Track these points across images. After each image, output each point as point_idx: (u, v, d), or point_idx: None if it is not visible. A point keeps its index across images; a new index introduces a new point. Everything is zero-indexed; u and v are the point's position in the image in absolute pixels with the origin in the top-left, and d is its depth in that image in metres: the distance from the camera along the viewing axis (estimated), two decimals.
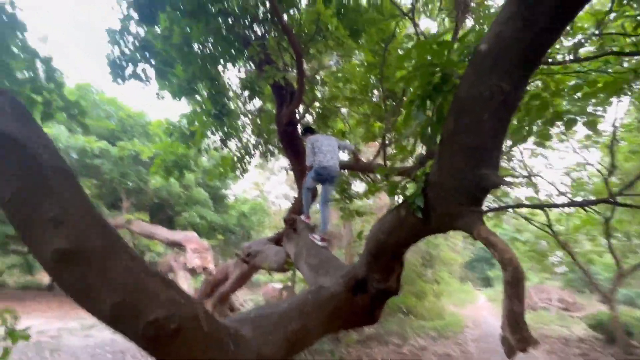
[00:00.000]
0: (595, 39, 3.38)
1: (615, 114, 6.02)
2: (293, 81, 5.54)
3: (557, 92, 2.07)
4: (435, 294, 13.87)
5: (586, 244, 11.26)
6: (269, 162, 9.67)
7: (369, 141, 7.24)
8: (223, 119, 5.47)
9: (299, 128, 5.75)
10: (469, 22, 5.20)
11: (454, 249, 19.03)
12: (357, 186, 7.71)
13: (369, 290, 2.46)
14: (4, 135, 1.07)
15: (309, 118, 7.16)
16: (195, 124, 6.15)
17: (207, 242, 11.12)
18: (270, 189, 25.09)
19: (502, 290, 1.49)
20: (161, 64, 4.35)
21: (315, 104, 6.82)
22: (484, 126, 1.56)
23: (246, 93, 5.74)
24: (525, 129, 2.09)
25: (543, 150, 8.33)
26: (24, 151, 1.09)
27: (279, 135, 5.91)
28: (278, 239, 5.75)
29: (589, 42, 3.58)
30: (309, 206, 4.78)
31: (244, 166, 7.20)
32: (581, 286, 17.15)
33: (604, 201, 2.33)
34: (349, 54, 6.26)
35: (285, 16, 5.33)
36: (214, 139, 6.83)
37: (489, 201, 8.42)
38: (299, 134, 5.61)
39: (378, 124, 6.46)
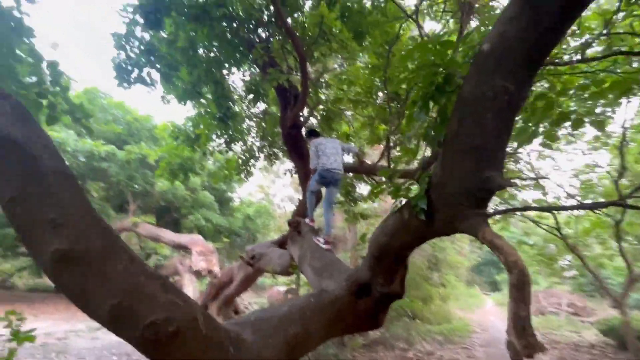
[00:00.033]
0: (603, 38, 3.34)
1: (625, 115, 5.91)
2: (297, 84, 5.56)
3: (562, 91, 2.03)
4: (441, 298, 13.71)
5: (596, 248, 11.06)
6: (274, 165, 9.68)
7: (373, 144, 7.21)
8: (227, 122, 5.50)
9: (304, 131, 5.76)
10: (473, 24, 5.17)
11: (461, 252, 18.82)
12: (361, 189, 7.68)
13: (372, 294, 2.43)
14: (4, 137, 1.08)
15: (313, 121, 7.17)
16: (200, 127, 6.19)
17: (213, 245, 11.15)
18: (275, 191, 25.17)
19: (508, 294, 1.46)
20: (166, 67, 4.40)
21: (320, 107, 6.82)
22: (488, 127, 1.53)
23: (250, 96, 5.77)
24: (531, 129, 2.05)
25: (551, 152, 8.21)
26: (24, 152, 1.11)
27: (283, 138, 5.93)
28: (282, 242, 5.74)
29: (597, 42, 3.53)
30: (313, 209, 4.77)
31: (249, 169, 7.22)
32: (591, 290, 16.79)
33: (614, 204, 2.28)
34: (353, 57, 6.26)
35: (289, 20, 5.36)
36: (219, 142, 6.87)
37: (495, 203, 8.31)
38: (303, 136, 5.62)
39: (383, 126, 6.44)
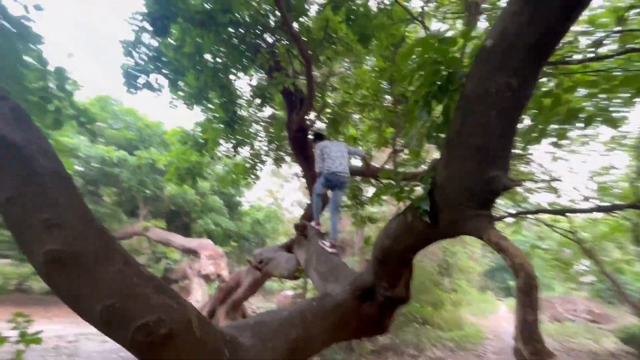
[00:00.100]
0: (616, 36, 3.24)
1: None
2: (303, 88, 5.57)
3: (570, 88, 1.96)
4: (453, 304, 13.43)
5: (614, 252, 10.69)
6: (281, 169, 9.71)
7: (381, 147, 7.16)
8: (234, 126, 5.54)
9: (310, 134, 5.76)
10: (480, 25, 5.10)
11: (472, 256, 18.43)
12: (369, 192, 7.62)
13: (376, 298, 2.38)
14: (1, 138, 1.10)
15: (320, 124, 7.17)
16: (208, 132, 6.25)
17: (222, 249, 11.21)
18: (284, 196, 25.23)
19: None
20: (173, 73, 4.47)
21: (327, 110, 6.81)
22: (492, 125, 1.49)
23: (257, 101, 5.81)
24: (538, 128, 1.99)
25: (565, 154, 8.02)
26: (21, 154, 1.12)
27: (289, 141, 5.93)
28: (290, 246, 5.72)
29: (611, 39, 3.42)
30: (319, 212, 4.74)
31: (256, 173, 7.25)
32: (610, 297, 16.20)
33: (632, 206, 2.19)
34: (359, 60, 6.25)
35: (295, 24, 5.39)
36: (226, 146, 6.93)
37: (507, 206, 8.13)
38: (309, 139, 5.61)
39: (390, 129, 6.39)
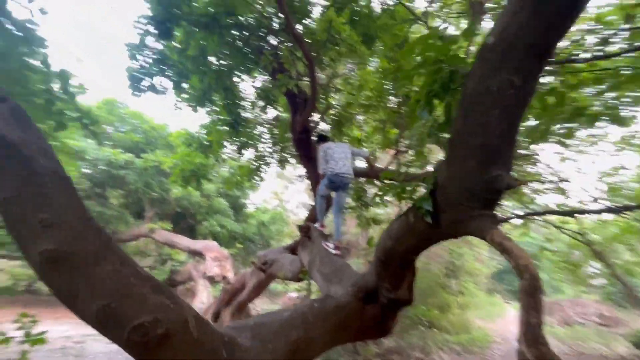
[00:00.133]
0: (624, 34, 3.18)
1: None
2: (307, 89, 5.57)
3: (575, 85, 1.91)
4: (460, 307, 13.25)
5: (625, 254, 10.46)
6: (286, 171, 9.72)
7: (386, 148, 7.13)
8: (238, 128, 5.56)
9: (314, 135, 5.75)
10: (484, 24, 5.06)
11: (479, 258, 18.19)
12: (373, 193, 7.57)
13: (379, 300, 2.35)
14: (2, 139, 1.11)
15: (324, 125, 7.16)
16: (212, 133, 6.28)
17: (227, 251, 11.23)
18: (289, 198, 25.21)
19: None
20: (177, 75, 4.51)
21: (330, 112, 6.81)
22: (494, 123, 1.46)
23: (261, 103, 5.82)
24: (542, 127, 1.95)
25: (573, 154, 7.90)
26: (20, 154, 1.13)
27: (294, 143, 5.93)
28: (294, 248, 5.70)
29: (619, 37, 3.36)
30: (323, 214, 4.72)
31: (260, 175, 7.26)
32: (621, 300, 15.85)
33: None
34: (363, 61, 6.23)
35: (299, 26, 5.40)
36: (231, 148, 6.95)
37: (514, 208, 8.01)
38: (313, 141, 5.61)
39: (394, 130, 6.36)
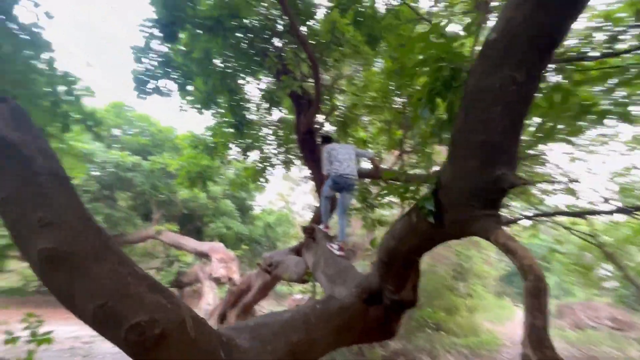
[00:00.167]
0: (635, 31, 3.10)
1: None
2: (311, 90, 5.57)
3: (581, 82, 1.86)
4: (468, 309, 13.06)
5: (638, 256, 10.21)
6: (292, 172, 9.73)
7: (391, 149, 7.08)
8: (243, 130, 5.58)
9: (318, 137, 5.74)
10: (490, 23, 5.00)
11: (488, 261, 17.93)
12: (375, 194, 7.51)
13: (383, 302, 2.33)
14: (1, 139, 1.13)
15: (329, 127, 7.14)
16: (217, 135, 6.32)
17: (233, 253, 11.27)
18: (295, 199, 25.23)
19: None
20: (182, 78, 4.55)
21: (335, 113, 6.79)
22: (496, 120, 1.43)
23: (266, 105, 5.84)
24: (548, 125, 1.90)
25: (584, 154, 7.76)
26: (19, 154, 1.15)
27: (298, 144, 5.94)
28: (299, 249, 5.69)
29: (631, 34, 3.29)
30: (327, 215, 4.71)
31: (266, 176, 7.27)
32: (634, 303, 15.44)
33: None
34: (367, 62, 6.21)
35: (304, 28, 5.41)
36: (236, 150, 6.98)
37: (522, 209, 7.88)
38: (318, 142, 5.60)
39: (400, 131, 6.31)
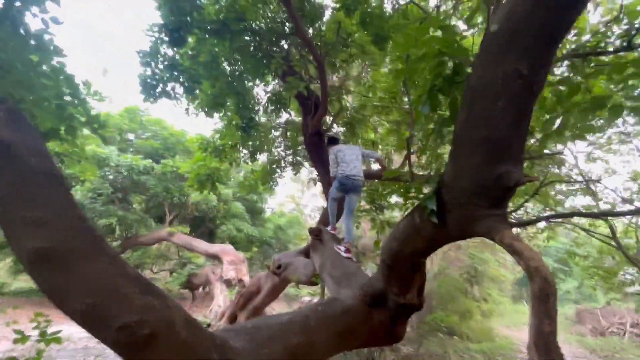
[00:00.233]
0: None
1: None
2: (318, 92, 5.55)
3: (591, 74, 1.76)
4: (482, 314, 12.75)
5: None
6: (301, 174, 9.72)
7: (400, 149, 6.99)
8: (250, 132, 5.61)
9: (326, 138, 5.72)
10: None
11: (504, 264, 17.47)
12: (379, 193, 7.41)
13: (387, 305, 2.27)
14: None
15: (338, 128, 7.11)
16: (224, 138, 6.36)
17: (243, 255, 11.33)
18: (306, 201, 25.28)
19: (530, 306, 1.27)
20: (189, 81, 4.60)
21: (344, 114, 6.76)
22: (500, 115, 1.37)
23: (272, 107, 5.85)
24: (557, 120, 1.81)
25: (603, 154, 7.49)
26: (12, 153, 1.16)
27: (306, 146, 5.92)
28: (308, 251, 5.67)
29: None
30: (334, 217, 4.67)
31: (275, 179, 7.28)
32: None
33: None
34: (375, 62, 6.15)
35: (310, 30, 5.40)
36: (245, 152, 7.02)
37: (538, 210, 7.64)
38: (325, 143, 5.58)
39: (408, 132, 6.22)
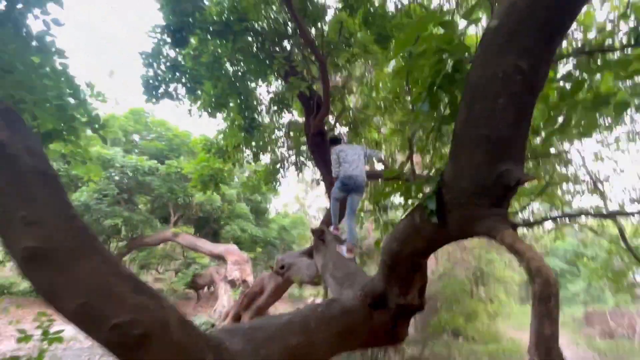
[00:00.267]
0: None
1: None
2: (321, 92, 5.53)
3: (595, 70, 1.71)
4: (489, 315, 12.60)
5: None
6: (305, 175, 9.73)
7: (405, 150, 6.95)
8: (252, 133, 5.61)
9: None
10: None
11: (510, 265, 17.26)
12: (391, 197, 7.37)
13: (388, 306, 2.24)
14: None
15: (342, 128, 7.09)
16: (227, 138, 6.37)
17: (247, 255, 11.35)
18: (310, 202, 25.26)
19: (533, 308, 1.24)
20: (191, 81, 4.61)
21: (347, 114, 6.73)
22: (501, 112, 1.34)
23: (275, 107, 5.85)
24: (560, 117, 1.77)
25: (611, 153, 7.38)
26: (4, 152, 1.16)
27: (308, 146, 5.91)
28: (311, 251, 5.66)
29: None
30: (337, 217, 4.66)
31: (278, 179, 7.27)
32: None
33: None
34: (379, 62, 6.12)
35: (313, 30, 5.39)
36: (248, 152, 7.02)
37: (545, 211, 7.54)
38: (327, 143, 5.57)
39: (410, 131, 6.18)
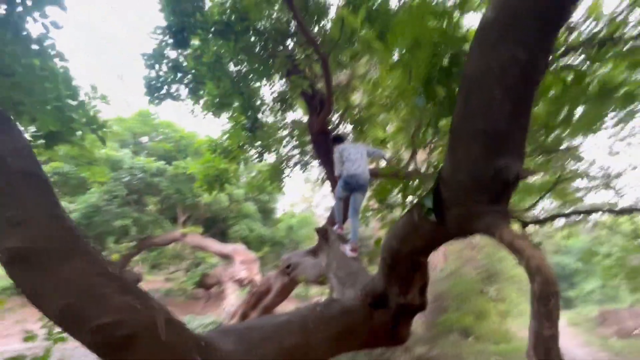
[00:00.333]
0: None
1: None
2: (324, 90, 5.50)
3: (597, 59, 1.64)
4: (499, 314, 12.40)
5: None
6: (311, 174, 9.69)
7: (410, 147, 6.87)
8: (255, 132, 5.61)
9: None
10: None
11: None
12: (395, 194, 7.30)
13: (389, 306, 2.21)
14: None
15: (347, 126, 7.04)
16: (231, 138, 6.38)
17: (255, 254, 11.39)
18: (318, 201, 25.24)
19: (532, 308, 1.19)
20: (193, 82, 4.63)
21: (352, 112, 6.68)
22: (498, 105, 1.29)
23: (278, 107, 5.84)
24: (564, 111, 1.70)
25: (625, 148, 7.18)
26: None
27: (312, 145, 5.89)
28: (317, 251, 5.65)
29: None
30: (341, 216, 4.63)
31: (283, 178, 7.27)
32: None
33: None
34: (382, 59, 6.05)
35: (316, 27, 5.36)
36: (252, 153, 7.02)
37: (555, 206, 7.36)
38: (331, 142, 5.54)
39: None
